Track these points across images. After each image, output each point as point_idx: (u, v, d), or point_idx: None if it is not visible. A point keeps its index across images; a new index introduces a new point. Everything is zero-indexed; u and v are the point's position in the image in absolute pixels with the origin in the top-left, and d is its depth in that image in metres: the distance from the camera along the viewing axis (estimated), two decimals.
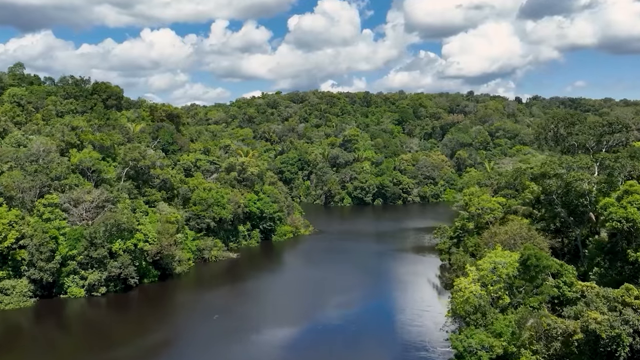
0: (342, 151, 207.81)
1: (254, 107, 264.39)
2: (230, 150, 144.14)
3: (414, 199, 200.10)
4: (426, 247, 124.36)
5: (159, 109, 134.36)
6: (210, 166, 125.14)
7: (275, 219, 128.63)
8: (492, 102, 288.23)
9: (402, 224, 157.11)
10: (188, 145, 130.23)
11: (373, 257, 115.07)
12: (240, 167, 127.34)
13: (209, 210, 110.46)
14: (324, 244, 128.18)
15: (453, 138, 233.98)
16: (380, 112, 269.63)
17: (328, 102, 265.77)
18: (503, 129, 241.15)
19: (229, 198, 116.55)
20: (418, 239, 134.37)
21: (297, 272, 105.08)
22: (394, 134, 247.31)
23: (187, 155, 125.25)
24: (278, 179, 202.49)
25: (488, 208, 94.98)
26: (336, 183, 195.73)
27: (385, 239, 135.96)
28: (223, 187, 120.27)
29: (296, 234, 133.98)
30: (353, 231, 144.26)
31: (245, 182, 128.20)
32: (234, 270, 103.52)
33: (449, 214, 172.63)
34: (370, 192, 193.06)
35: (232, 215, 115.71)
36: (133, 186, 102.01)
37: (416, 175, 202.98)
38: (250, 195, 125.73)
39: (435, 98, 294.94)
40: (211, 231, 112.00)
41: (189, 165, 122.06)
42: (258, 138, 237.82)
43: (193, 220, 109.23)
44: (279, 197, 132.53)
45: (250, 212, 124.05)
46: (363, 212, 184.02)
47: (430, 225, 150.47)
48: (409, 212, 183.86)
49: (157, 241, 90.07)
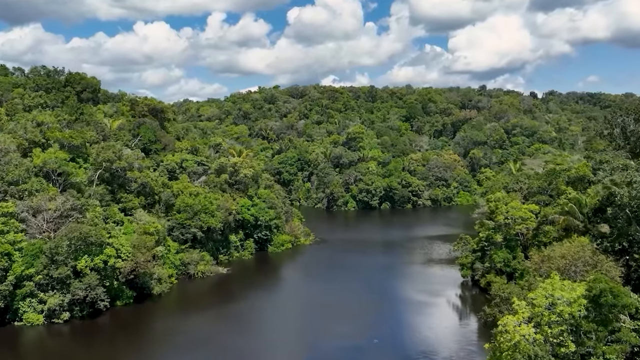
0: (345, 150, 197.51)
1: (250, 103, 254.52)
2: (221, 149, 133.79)
3: (424, 202, 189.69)
4: (443, 260, 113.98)
5: (140, 103, 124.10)
6: (197, 168, 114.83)
7: (272, 227, 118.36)
8: (507, 97, 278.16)
9: (413, 232, 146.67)
10: (173, 144, 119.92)
11: (381, 272, 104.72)
12: (232, 169, 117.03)
13: (195, 219, 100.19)
14: (326, 255, 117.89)
15: (466, 136, 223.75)
16: (386, 107, 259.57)
17: (330, 97, 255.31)
18: (520, 126, 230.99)
19: (219, 204, 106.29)
20: (432, 249, 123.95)
21: (295, 292, 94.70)
22: (402, 131, 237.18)
23: (171, 156, 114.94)
24: (276, 180, 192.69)
25: (519, 217, 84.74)
26: (339, 185, 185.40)
27: (394, 249, 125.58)
28: (212, 192, 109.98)
29: (295, 243, 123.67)
30: (358, 240, 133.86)
31: (238, 186, 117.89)
32: (223, 288, 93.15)
33: (464, 219, 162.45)
34: (377, 195, 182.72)
35: (222, 223, 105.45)
36: (107, 191, 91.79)
37: (427, 176, 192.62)
38: (243, 200, 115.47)
39: (445, 93, 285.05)
40: (198, 242, 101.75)
41: (173, 167, 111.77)
42: (254, 136, 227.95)
43: (177, 230, 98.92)
44: (276, 202, 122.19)
45: (243, 220, 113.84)
46: (369, 218, 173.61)
47: (444, 233, 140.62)
48: (420, 218, 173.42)
49: (131, 256, 79.70)
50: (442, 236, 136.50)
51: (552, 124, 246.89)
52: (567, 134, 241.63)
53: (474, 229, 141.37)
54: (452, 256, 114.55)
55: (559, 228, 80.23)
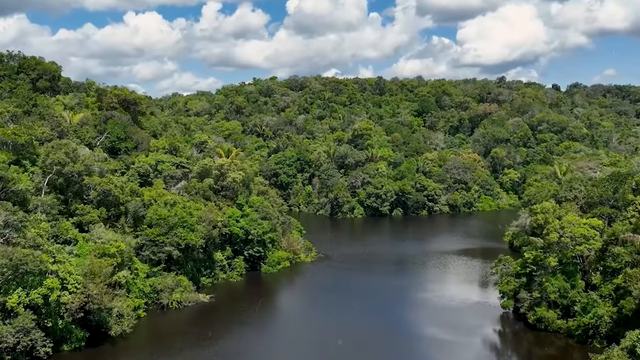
0: (351, 149, 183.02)
1: (244, 95, 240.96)
2: (206, 148, 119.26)
3: (441, 208, 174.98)
4: (471, 281, 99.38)
5: (108, 93, 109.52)
6: (176, 171, 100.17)
7: (266, 242, 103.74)
8: (529, 89, 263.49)
9: (431, 244, 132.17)
10: (148, 142, 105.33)
11: (395, 298, 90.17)
12: (218, 172, 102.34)
13: (171, 234, 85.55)
14: (329, 276, 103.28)
15: (486, 132, 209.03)
16: (395, 101, 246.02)
17: (333, 90, 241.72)
18: (547, 122, 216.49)
19: (201, 215, 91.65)
20: (455, 268, 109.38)
21: (292, 326, 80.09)
22: (413, 127, 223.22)
23: (144, 156, 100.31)
24: (272, 183, 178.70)
25: (580, 235, 70.02)
26: (344, 189, 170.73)
27: (409, 267, 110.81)
28: (193, 200, 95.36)
29: (294, 260, 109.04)
30: (367, 255, 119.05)
31: (225, 192, 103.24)
32: (203, 322, 78.36)
33: (489, 229, 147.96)
34: (388, 200, 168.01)
35: (205, 239, 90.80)
36: (58, 201, 77.17)
37: (444, 178, 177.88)
38: (231, 210, 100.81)
39: (460, 85, 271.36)
40: (174, 263, 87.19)
41: (146, 170, 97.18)
42: (248, 132, 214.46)
43: (147, 248, 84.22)
44: (271, 211, 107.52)
45: (231, 234, 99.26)
46: (378, 227, 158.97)
47: (468, 246, 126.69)
48: (437, 227, 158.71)
49: (82, 287, 65.05)
50: (467, 251, 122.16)
51: (582, 119, 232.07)
52: (598, 130, 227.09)
53: (502, 241, 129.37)
54: (484, 278, 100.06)
55: (633, 250, 65.63)
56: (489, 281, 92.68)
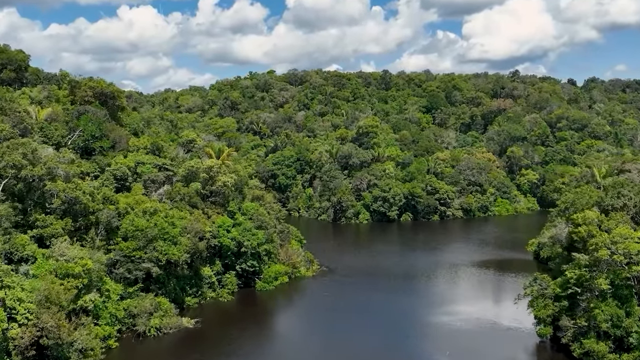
0: (355, 148, 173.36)
1: (239, 90, 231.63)
2: (195, 148, 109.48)
3: (454, 213, 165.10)
4: (498, 300, 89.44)
5: (82, 85, 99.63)
6: (158, 174, 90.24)
7: (261, 254, 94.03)
8: (546, 84, 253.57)
9: (445, 254, 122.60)
10: (126, 140, 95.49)
11: (410, 320, 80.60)
12: (207, 175, 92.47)
13: (150, 248, 75.73)
14: (333, 294, 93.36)
15: (502, 130, 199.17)
16: (402, 96, 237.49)
17: (336, 84, 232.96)
18: (566, 118, 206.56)
19: (186, 225, 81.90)
20: (475, 283, 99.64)
21: (291, 357, 70.10)
22: (422, 124, 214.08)
23: (122, 157, 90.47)
24: (270, 185, 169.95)
25: (638, 253, 60.21)
26: (348, 192, 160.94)
27: (423, 282, 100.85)
28: (177, 208, 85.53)
29: (293, 275, 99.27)
30: (374, 268, 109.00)
31: (215, 198, 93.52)
32: (185, 353, 68.45)
33: (509, 238, 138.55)
34: (396, 204, 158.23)
35: (190, 253, 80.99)
36: (15, 211, 67.49)
37: (457, 180, 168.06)
38: (221, 218, 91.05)
39: (471, 79, 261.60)
40: (154, 282, 77.40)
41: (124, 173, 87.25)
42: (243, 130, 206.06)
43: (122, 265, 74.40)
44: (267, 219, 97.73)
45: (221, 246, 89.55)
46: (386, 234, 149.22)
47: (487, 257, 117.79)
48: (451, 234, 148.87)
49: (34, 318, 55.27)
50: (486, 262, 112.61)
51: (603, 116, 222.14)
52: (622, 127, 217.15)
53: (526, 250, 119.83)
54: (511, 295, 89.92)
55: None
56: (519, 300, 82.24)
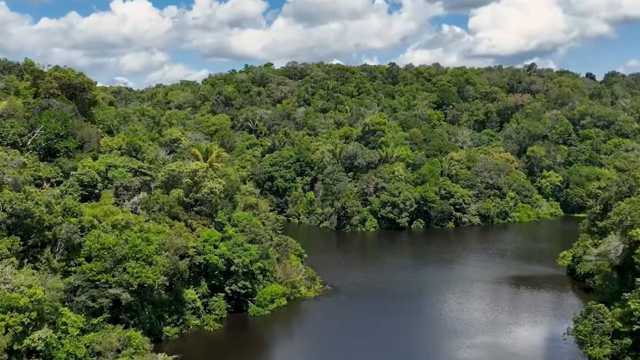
0: (361, 147, 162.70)
1: (234, 85, 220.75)
2: (179, 148, 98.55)
3: (471, 219, 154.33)
4: (532, 328, 78.25)
5: (47, 75, 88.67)
6: (132, 179, 79.19)
7: (255, 273, 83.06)
8: (566, 78, 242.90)
9: (464, 269, 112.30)
10: (97, 140, 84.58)
11: (435, 353, 69.39)
12: (190, 180, 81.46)
13: (118, 270, 64.82)
14: (338, 318, 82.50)
15: (521, 128, 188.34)
16: (410, 91, 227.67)
17: (338, 78, 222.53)
18: (591, 115, 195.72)
19: (164, 241, 70.97)
20: (504, 306, 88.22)
21: None
22: (433, 121, 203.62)
23: (90, 160, 79.56)
24: (267, 189, 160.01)
25: None
26: (354, 196, 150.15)
27: (442, 304, 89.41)
28: (154, 220, 74.65)
29: (293, 296, 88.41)
30: (385, 287, 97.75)
31: (200, 208, 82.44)
32: None
33: (534, 248, 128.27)
34: (407, 209, 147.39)
35: (169, 274, 70.08)
36: None
37: (473, 183, 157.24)
38: (207, 231, 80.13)
39: (485, 73, 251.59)
40: (124, 310, 66.44)
41: (92, 178, 76.35)
42: (238, 128, 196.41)
43: (83, 292, 63.46)
44: (262, 231, 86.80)
45: (207, 264, 78.54)
46: (396, 244, 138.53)
47: (513, 272, 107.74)
48: (468, 243, 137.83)
49: None
50: (513, 279, 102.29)
51: (630, 112, 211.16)
52: None
53: (557, 264, 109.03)
54: (547, 325, 79.14)
55: None
56: (567, 335, 70.35)
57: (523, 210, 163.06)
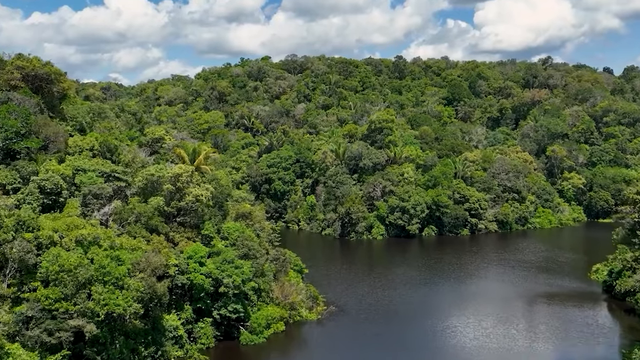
0: (367, 147, 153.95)
1: (228, 79, 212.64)
2: (163, 148, 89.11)
3: (487, 225, 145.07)
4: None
5: (8, 65, 79.18)
6: (104, 186, 69.61)
7: (248, 294, 73.56)
8: (585, 72, 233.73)
9: (484, 284, 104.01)
10: (65, 139, 75.13)
11: None
12: (172, 187, 71.94)
13: (81, 297, 55.38)
14: (346, 348, 72.66)
15: (539, 125, 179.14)
16: (419, 86, 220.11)
17: (341, 72, 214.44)
18: (615, 112, 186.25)
19: (138, 260, 61.50)
20: (537, 331, 78.68)
21: None
22: (443, 118, 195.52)
23: (55, 163, 70.06)
24: (264, 192, 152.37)
25: None
26: (359, 200, 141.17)
27: (465, 328, 79.92)
28: (128, 234, 65.16)
29: (292, 319, 78.98)
30: (397, 307, 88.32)
31: (184, 218, 72.98)
32: None
33: (560, 259, 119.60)
34: (417, 215, 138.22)
35: (145, 299, 60.61)
36: None
37: (490, 186, 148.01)
38: (192, 247, 70.71)
39: (497, 67, 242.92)
40: (89, 344, 56.91)
41: (56, 185, 66.82)
42: (233, 126, 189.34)
43: (38, 324, 54.00)
44: (256, 244, 77.40)
45: (191, 285, 69.05)
46: (406, 253, 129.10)
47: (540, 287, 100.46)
48: (486, 253, 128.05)
49: None
50: (541, 296, 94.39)
51: None
52: None
53: (589, 278, 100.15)
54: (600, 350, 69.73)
55: None
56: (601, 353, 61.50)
57: (544, 215, 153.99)
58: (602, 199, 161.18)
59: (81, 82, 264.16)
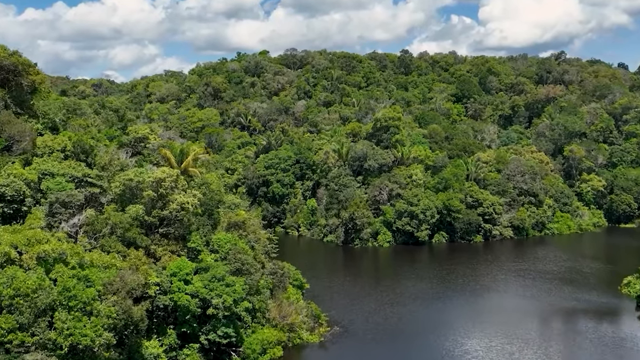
0: (372, 147, 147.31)
1: (224, 75, 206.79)
2: (147, 149, 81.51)
3: (502, 231, 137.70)
4: None
5: None
6: (73, 192, 61.88)
7: (241, 316, 65.91)
8: (603, 67, 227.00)
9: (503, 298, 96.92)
10: (33, 139, 67.54)
11: None
12: (154, 193, 64.25)
13: (41, 327, 47.73)
14: None
15: (556, 124, 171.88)
16: (426, 82, 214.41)
17: (344, 67, 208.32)
18: (635, 109, 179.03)
19: (112, 279, 53.85)
20: (568, 356, 71.06)
21: None
22: (452, 116, 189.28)
23: (19, 166, 62.42)
24: (261, 196, 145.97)
25: None
26: (364, 205, 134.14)
27: (487, 352, 72.31)
28: (100, 248, 57.50)
29: (291, 342, 71.43)
30: (408, 327, 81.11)
31: (167, 229, 65.32)
32: None
33: (584, 269, 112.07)
34: (427, 220, 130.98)
35: (119, 327, 52.95)
36: None
37: (505, 189, 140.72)
38: (177, 262, 63.11)
39: (508, 62, 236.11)
40: None
41: (17, 191, 59.20)
42: (228, 124, 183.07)
43: None
44: (250, 258, 69.81)
45: (176, 307, 61.39)
46: (415, 262, 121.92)
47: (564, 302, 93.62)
48: (502, 262, 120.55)
49: None
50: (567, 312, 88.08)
51: None
52: None
53: (619, 292, 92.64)
54: None
55: None
56: None
57: (562, 220, 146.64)
58: (624, 203, 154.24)
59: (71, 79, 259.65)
